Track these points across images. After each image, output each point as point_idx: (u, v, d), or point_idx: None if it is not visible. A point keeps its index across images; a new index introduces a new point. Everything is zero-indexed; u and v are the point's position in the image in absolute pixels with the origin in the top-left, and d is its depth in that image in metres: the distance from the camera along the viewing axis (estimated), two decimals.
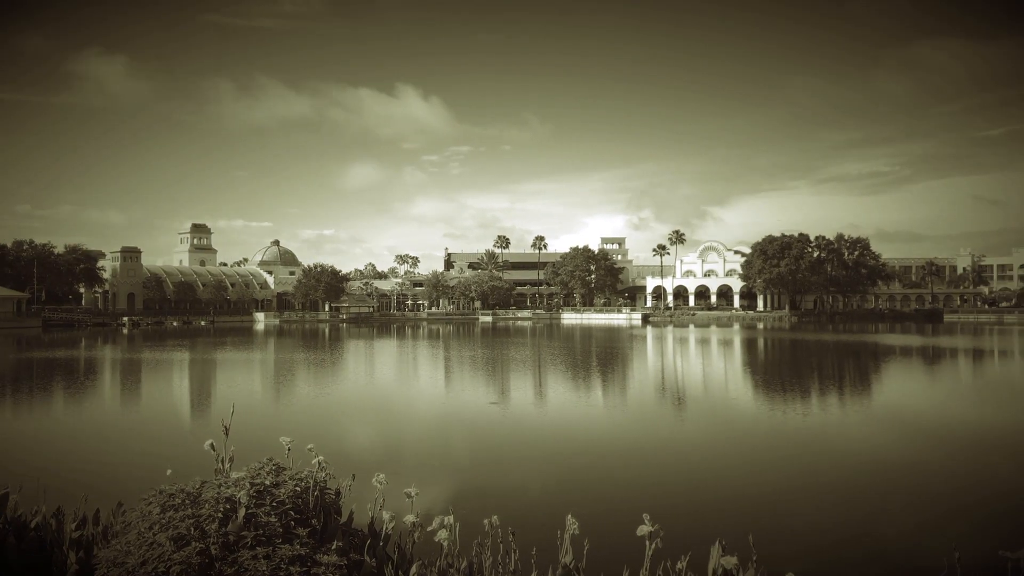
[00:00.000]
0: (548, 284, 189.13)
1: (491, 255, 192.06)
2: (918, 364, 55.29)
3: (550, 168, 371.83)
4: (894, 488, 18.12)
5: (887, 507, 16.32)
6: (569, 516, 4.83)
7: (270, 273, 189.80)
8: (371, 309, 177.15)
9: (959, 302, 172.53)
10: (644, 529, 4.45)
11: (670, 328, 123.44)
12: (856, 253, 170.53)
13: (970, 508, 16.21)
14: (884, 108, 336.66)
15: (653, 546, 4.45)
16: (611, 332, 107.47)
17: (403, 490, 5.51)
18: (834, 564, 12.58)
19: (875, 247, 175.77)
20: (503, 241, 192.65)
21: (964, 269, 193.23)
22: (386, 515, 5.40)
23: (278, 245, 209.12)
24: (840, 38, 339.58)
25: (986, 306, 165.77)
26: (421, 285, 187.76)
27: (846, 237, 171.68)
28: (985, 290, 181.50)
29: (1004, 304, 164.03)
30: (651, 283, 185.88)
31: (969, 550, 4.98)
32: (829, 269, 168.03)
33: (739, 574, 4.22)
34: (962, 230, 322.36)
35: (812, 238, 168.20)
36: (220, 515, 4.48)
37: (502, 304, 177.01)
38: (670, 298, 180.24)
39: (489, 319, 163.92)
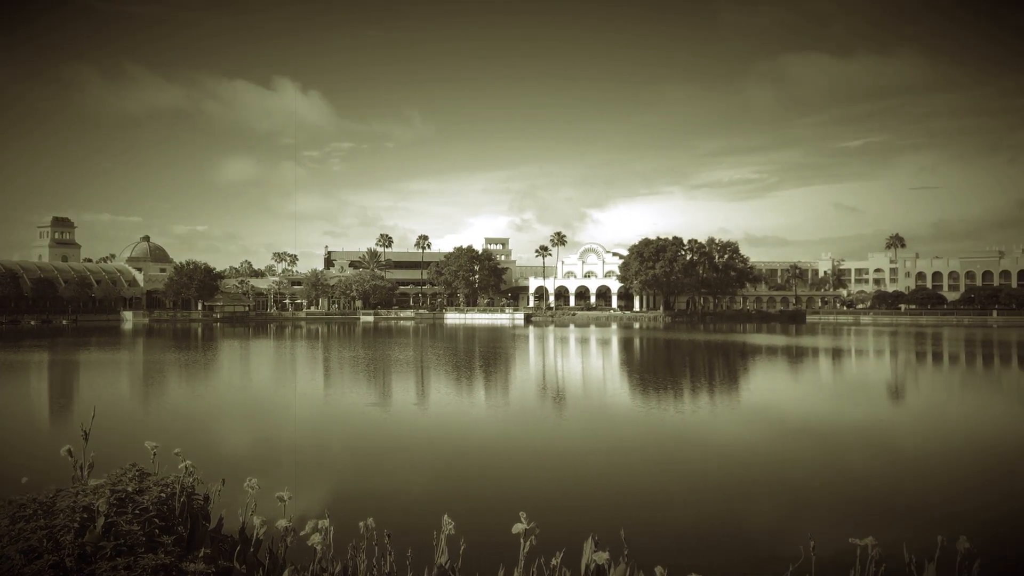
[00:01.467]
0: (432, 284, 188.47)
1: (373, 254, 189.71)
2: (782, 363, 58.20)
3: (434, 167, 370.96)
4: (759, 481, 19.03)
5: (752, 499, 17.12)
6: (445, 516, 4.83)
7: (139, 270, 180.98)
8: (247, 308, 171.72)
9: (820, 303, 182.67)
10: (519, 527, 4.50)
11: (551, 328, 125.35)
12: (726, 256, 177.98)
13: (826, 498, 17.21)
14: (753, 118, 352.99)
15: (528, 544, 4.51)
16: (494, 332, 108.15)
17: (276, 494, 5.37)
18: (703, 555, 13.09)
19: (744, 251, 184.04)
20: (386, 240, 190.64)
21: (825, 272, 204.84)
22: (257, 520, 5.24)
23: (148, 241, 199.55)
24: (712, 49, 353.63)
25: (845, 307, 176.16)
26: (300, 284, 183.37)
27: (717, 241, 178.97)
28: (844, 292, 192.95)
29: (860, 306, 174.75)
30: (534, 283, 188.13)
31: (823, 538, 5.32)
32: (701, 271, 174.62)
33: (611, 569, 4.32)
34: (824, 235, 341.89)
35: (685, 241, 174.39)
36: (76, 525, 4.24)
37: (384, 304, 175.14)
38: (552, 298, 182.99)
39: (371, 319, 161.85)
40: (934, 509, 16.31)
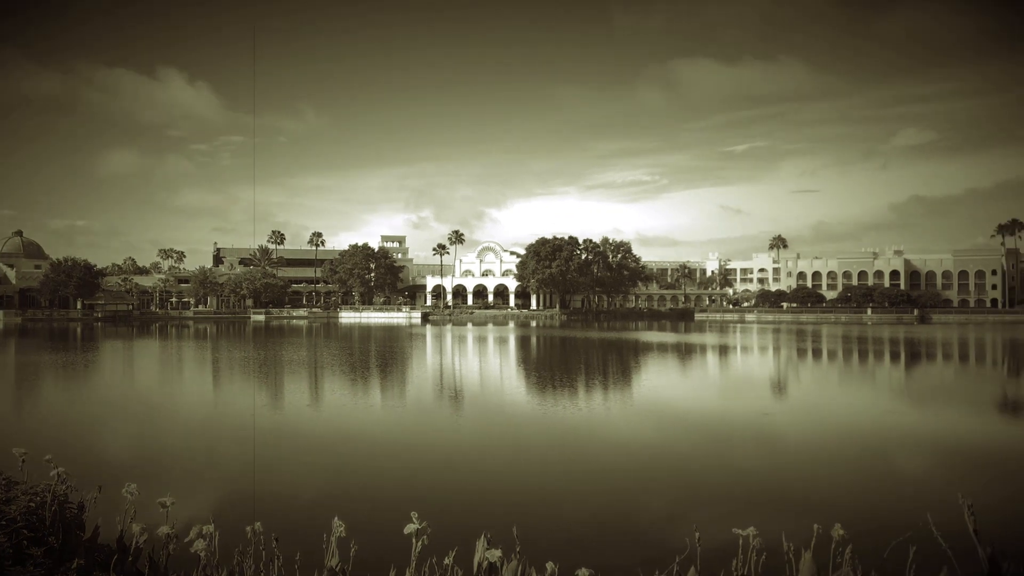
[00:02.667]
0: (326, 282, 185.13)
1: (265, 251, 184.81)
2: (672, 359, 59.90)
3: (329, 163, 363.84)
4: (651, 475, 19.52)
5: (645, 493, 17.55)
6: (336, 518, 4.73)
7: (11, 266, 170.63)
8: (130, 307, 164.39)
9: (708, 302, 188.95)
10: (411, 527, 4.45)
11: (449, 327, 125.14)
12: (620, 256, 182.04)
13: (713, 491, 17.81)
14: (646, 121, 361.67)
15: (420, 544, 4.47)
16: (390, 331, 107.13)
17: (157, 500, 5.15)
18: (595, 550, 13.34)
19: (636, 251, 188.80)
20: (278, 236, 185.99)
21: (713, 272, 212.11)
22: (136, 528, 5.01)
23: (21, 236, 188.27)
24: (606, 52, 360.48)
25: (731, 306, 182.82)
26: (187, 282, 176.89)
27: (611, 241, 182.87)
28: (730, 291, 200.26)
29: (746, 304, 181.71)
30: (431, 282, 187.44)
31: (709, 529, 5.51)
32: (595, 270, 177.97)
33: (503, 566, 4.33)
34: (711, 236, 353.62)
35: (581, 241, 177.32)
36: None
37: (276, 302, 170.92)
38: (449, 297, 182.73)
39: (262, 318, 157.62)
40: (812, 499, 17.11)
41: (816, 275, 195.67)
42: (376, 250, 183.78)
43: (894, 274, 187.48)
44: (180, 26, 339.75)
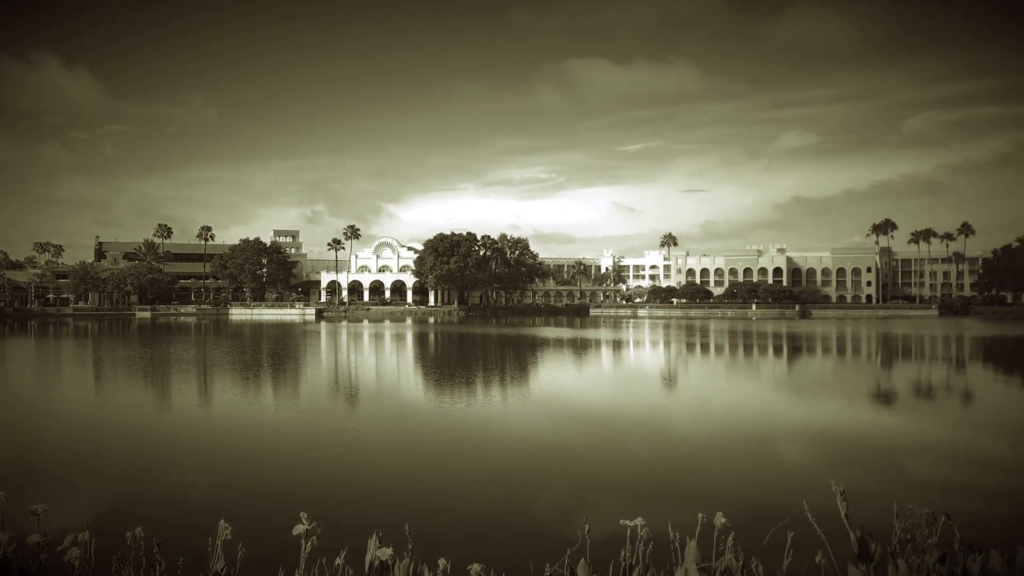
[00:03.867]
0: (215, 277, 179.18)
1: (151, 245, 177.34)
2: (568, 354, 60.79)
3: (219, 154, 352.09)
4: (546, 469, 19.76)
5: (539, 487, 17.75)
6: (222, 521, 4.58)
7: None
8: (3, 304, 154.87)
9: (603, 298, 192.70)
10: (300, 528, 4.35)
11: (344, 324, 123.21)
12: (517, 252, 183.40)
13: (606, 482, 18.19)
14: (543, 119, 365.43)
15: (309, 545, 4.37)
16: (283, 328, 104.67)
17: (28, 508, 4.86)
18: (489, 545, 13.41)
19: (533, 247, 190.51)
20: (164, 230, 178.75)
21: (607, 269, 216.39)
22: (3, 537, 4.72)
23: None
24: (504, 49, 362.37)
25: (624, 301, 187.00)
26: (66, 277, 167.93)
27: (509, 238, 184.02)
28: (624, 287, 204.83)
29: (638, 300, 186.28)
30: (326, 278, 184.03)
31: (600, 521, 5.61)
32: (494, 267, 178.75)
33: (395, 565, 4.28)
34: (606, 233, 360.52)
35: (479, 237, 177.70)
36: None
37: (163, 298, 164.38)
38: (345, 293, 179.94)
39: (147, 315, 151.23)
40: (699, 488, 17.70)
41: (704, 272, 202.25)
42: (268, 245, 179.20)
43: (777, 271, 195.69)
44: (55, 7, 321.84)
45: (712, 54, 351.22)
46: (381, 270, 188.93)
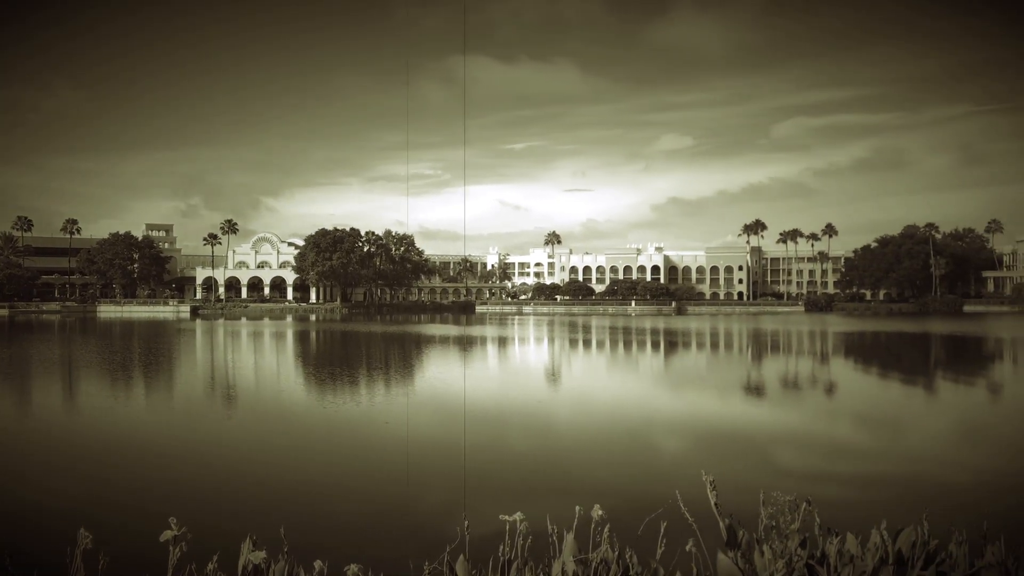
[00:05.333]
0: (82, 273, 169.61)
1: (8, 238, 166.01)
2: (453, 351, 60.80)
3: (86, 143, 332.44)
4: (430, 467, 19.69)
5: (422, 485, 17.67)
6: (82, 529, 4.33)
7: None
8: None
9: (488, 295, 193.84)
10: (168, 534, 4.17)
11: (221, 321, 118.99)
12: (403, 249, 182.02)
13: (489, 478, 18.29)
14: (428, 115, 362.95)
15: (178, 551, 4.19)
16: (155, 326, 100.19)
17: None
18: (371, 546, 13.26)
19: (419, 244, 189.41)
20: (24, 222, 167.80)
21: (493, 266, 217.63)
22: None
23: None
24: (389, 44, 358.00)
25: (509, 298, 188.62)
26: None
27: (394, 234, 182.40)
28: (509, 284, 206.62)
29: (523, 297, 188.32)
30: (201, 274, 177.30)
31: (480, 517, 5.66)
32: (378, 263, 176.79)
33: (269, 568, 4.16)
34: (492, 231, 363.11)
35: (363, 233, 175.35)
36: None
37: (23, 295, 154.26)
38: (222, 290, 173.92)
39: (5, 312, 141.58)
40: (579, 481, 18.05)
41: (587, 269, 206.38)
42: (140, 239, 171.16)
43: (655, 269, 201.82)
44: None
45: (594, 56, 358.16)
46: (260, 266, 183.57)
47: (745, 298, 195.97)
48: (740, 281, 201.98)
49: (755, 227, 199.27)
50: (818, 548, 3.70)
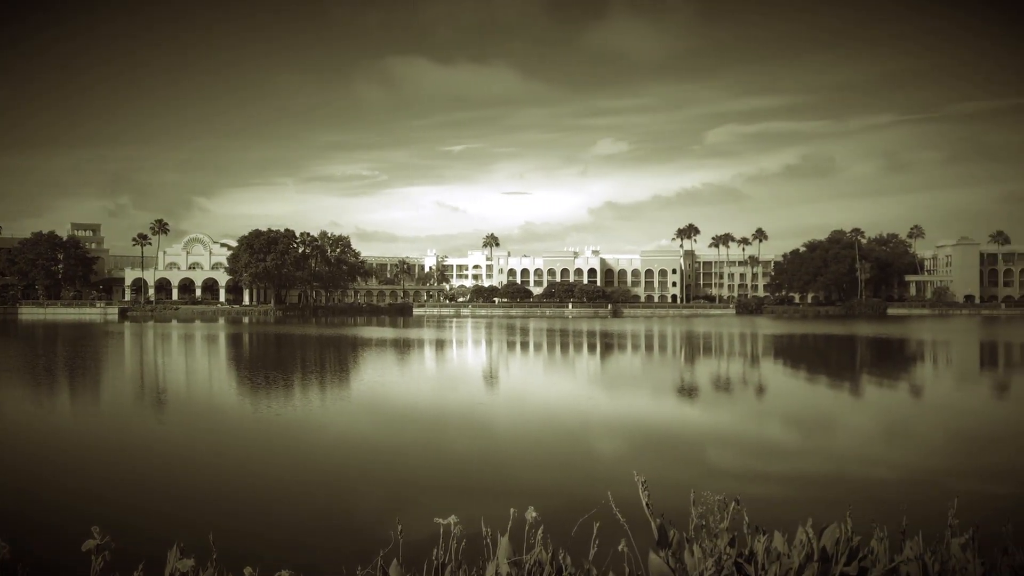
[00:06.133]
0: (2, 274, 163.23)
1: None
2: (390, 354, 60.34)
3: (9, 139, 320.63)
4: (367, 470, 19.50)
5: (358, 490, 17.48)
6: None
7: None
8: None
9: (426, 297, 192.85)
10: (91, 543, 4.04)
11: (151, 324, 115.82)
12: (338, 250, 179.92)
13: (426, 481, 18.20)
14: (365, 116, 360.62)
15: (101, 561, 4.07)
16: (82, 329, 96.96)
17: None
18: (303, 549, 13.06)
19: (355, 245, 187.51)
20: None
21: (430, 268, 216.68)
22: None
23: None
24: (324, 43, 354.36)
25: (447, 301, 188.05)
26: None
27: (329, 235, 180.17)
28: (447, 287, 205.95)
29: (461, 299, 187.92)
30: (130, 275, 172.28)
31: (417, 521, 5.60)
32: (313, 265, 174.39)
33: (197, 575, 4.07)
34: (430, 232, 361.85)
35: (298, 234, 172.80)
36: None
37: None
38: (152, 292, 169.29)
39: None
40: (515, 483, 18.10)
41: (525, 272, 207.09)
42: (65, 239, 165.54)
43: (592, 272, 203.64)
44: None
45: (532, 59, 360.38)
46: (192, 267, 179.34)
47: (679, 301, 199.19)
48: (674, 284, 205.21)
49: (688, 231, 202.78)
50: (747, 546, 3.78)
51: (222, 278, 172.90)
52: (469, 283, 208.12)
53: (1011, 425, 27.76)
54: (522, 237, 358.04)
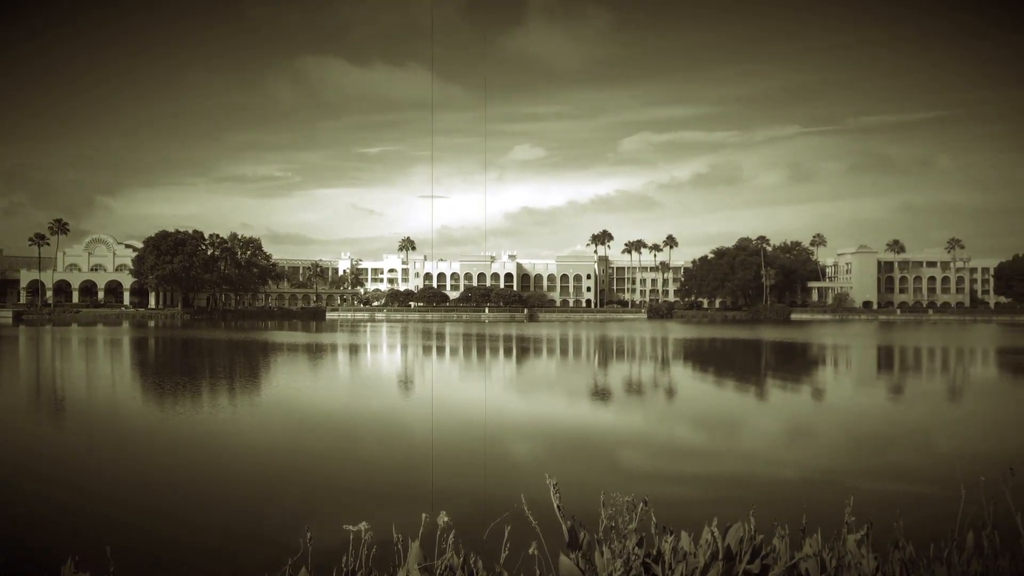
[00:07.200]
0: None
1: None
2: (302, 359, 59.22)
3: None
4: (278, 478, 19.06)
5: (270, 497, 17.08)
6: None
7: None
8: None
9: (340, 301, 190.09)
10: None
11: (49, 328, 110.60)
12: (249, 253, 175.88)
13: (339, 487, 17.94)
14: (279, 116, 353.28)
15: None
16: None
17: None
18: (208, 560, 12.68)
19: (267, 248, 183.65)
20: None
21: (345, 271, 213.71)
22: None
23: None
24: (237, 41, 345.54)
25: (362, 305, 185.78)
26: None
27: (240, 237, 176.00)
28: (361, 291, 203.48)
29: (376, 303, 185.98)
30: (26, 277, 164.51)
31: (326, 528, 5.50)
32: (223, 267, 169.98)
33: None
34: (345, 236, 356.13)
35: (207, 236, 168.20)
36: None
37: None
38: (50, 294, 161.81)
39: None
40: (427, 488, 18.00)
41: (441, 276, 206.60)
42: None
43: (508, 276, 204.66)
44: None
45: (450, 63, 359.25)
46: (94, 269, 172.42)
47: (593, 305, 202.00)
48: (588, 289, 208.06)
49: (603, 237, 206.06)
50: (655, 546, 3.86)
51: (127, 281, 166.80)
52: (384, 287, 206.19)
53: (904, 425, 29.15)
54: (439, 241, 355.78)
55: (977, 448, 23.60)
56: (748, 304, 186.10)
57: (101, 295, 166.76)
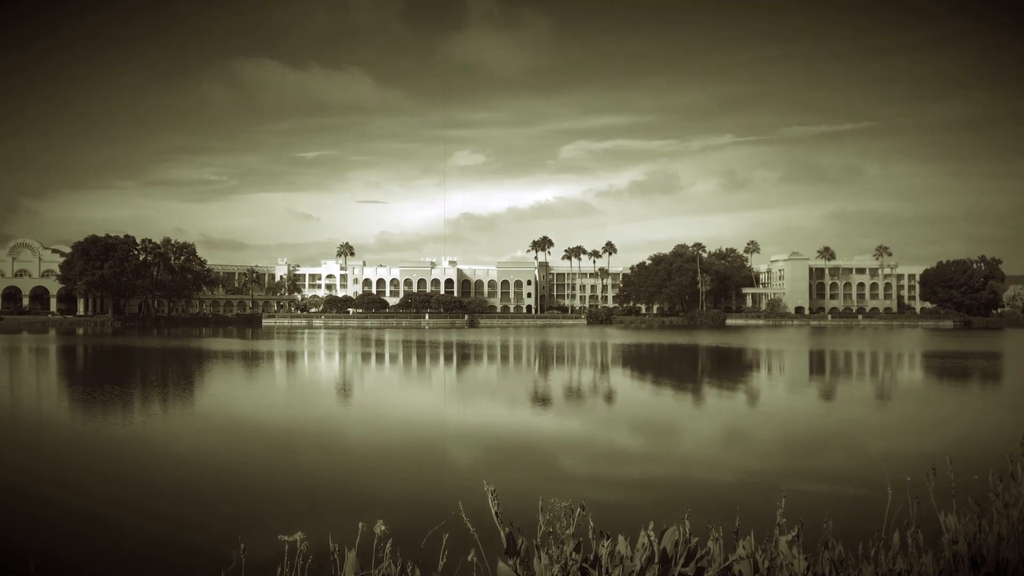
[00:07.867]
0: None
1: None
2: (238, 367, 58.08)
3: None
4: (212, 486, 18.63)
5: (203, 505, 16.70)
6: None
7: None
8: None
9: (277, 307, 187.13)
10: None
11: None
12: (183, 258, 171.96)
13: (275, 496, 17.62)
14: (211, 119, 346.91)
15: None
16: None
17: None
18: (140, 570, 12.36)
19: (201, 253, 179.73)
20: None
21: (282, 277, 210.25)
22: None
23: None
24: (170, 41, 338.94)
25: (299, 311, 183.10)
26: None
27: (173, 242, 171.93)
28: (299, 297, 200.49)
29: (314, 310, 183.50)
30: None
31: (261, 538, 5.43)
32: (155, 273, 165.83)
33: None
34: (281, 241, 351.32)
35: (139, 241, 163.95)
36: None
37: None
38: None
39: None
40: (365, 497, 17.83)
41: (381, 282, 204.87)
42: None
43: (449, 282, 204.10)
44: None
45: (388, 68, 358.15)
46: (18, 275, 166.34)
47: (533, 311, 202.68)
48: (529, 295, 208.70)
49: (543, 243, 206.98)
50: (592, 551, 3.88)
51: (53, 287, 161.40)
52: (323, 293, 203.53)
53: (833, 427, 29.95)
54: (378, 247, 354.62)
55: (903, 449, 24.38)
56: (685, 310, 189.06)
57: (26, 302, 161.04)
